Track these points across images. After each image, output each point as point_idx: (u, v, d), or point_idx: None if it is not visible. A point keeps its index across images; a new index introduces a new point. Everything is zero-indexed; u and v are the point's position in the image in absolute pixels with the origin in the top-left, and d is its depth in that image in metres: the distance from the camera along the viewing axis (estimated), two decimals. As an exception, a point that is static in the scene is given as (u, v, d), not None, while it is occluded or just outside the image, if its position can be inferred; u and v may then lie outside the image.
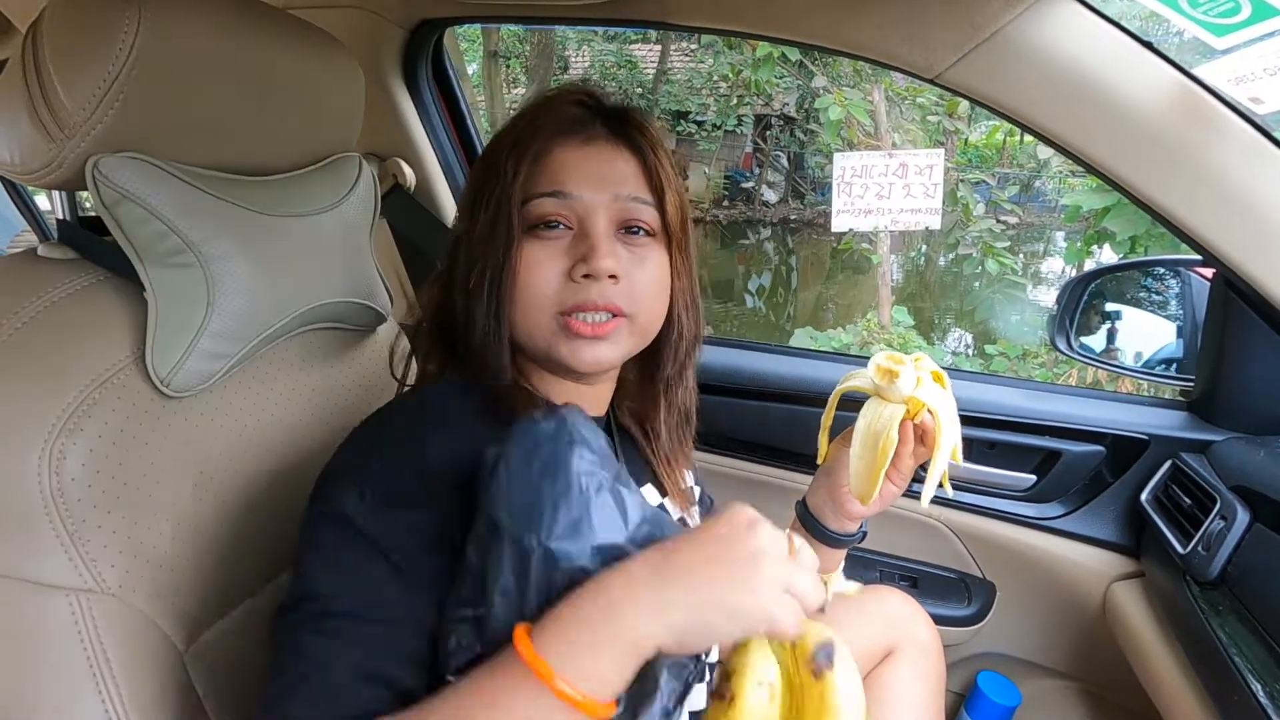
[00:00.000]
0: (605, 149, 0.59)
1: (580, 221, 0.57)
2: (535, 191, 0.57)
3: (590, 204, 0.57)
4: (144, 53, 0.50)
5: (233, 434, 0.61)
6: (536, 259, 0.56)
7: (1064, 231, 6.19)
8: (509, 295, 0.57)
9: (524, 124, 0.59)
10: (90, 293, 0.55)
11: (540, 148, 0.58)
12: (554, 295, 0.56)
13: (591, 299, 0.56)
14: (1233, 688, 0.67)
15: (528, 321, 0.57)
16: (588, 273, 0.55)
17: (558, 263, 0.56)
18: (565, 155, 0.58)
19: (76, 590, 0.50)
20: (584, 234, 0.57)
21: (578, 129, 0.59)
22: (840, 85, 3.85)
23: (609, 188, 0.58)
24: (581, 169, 0.57)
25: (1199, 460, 0.91)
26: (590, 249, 0.55)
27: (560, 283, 0.56)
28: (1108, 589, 1.00)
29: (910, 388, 0.61)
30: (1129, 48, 0.76)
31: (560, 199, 0.57)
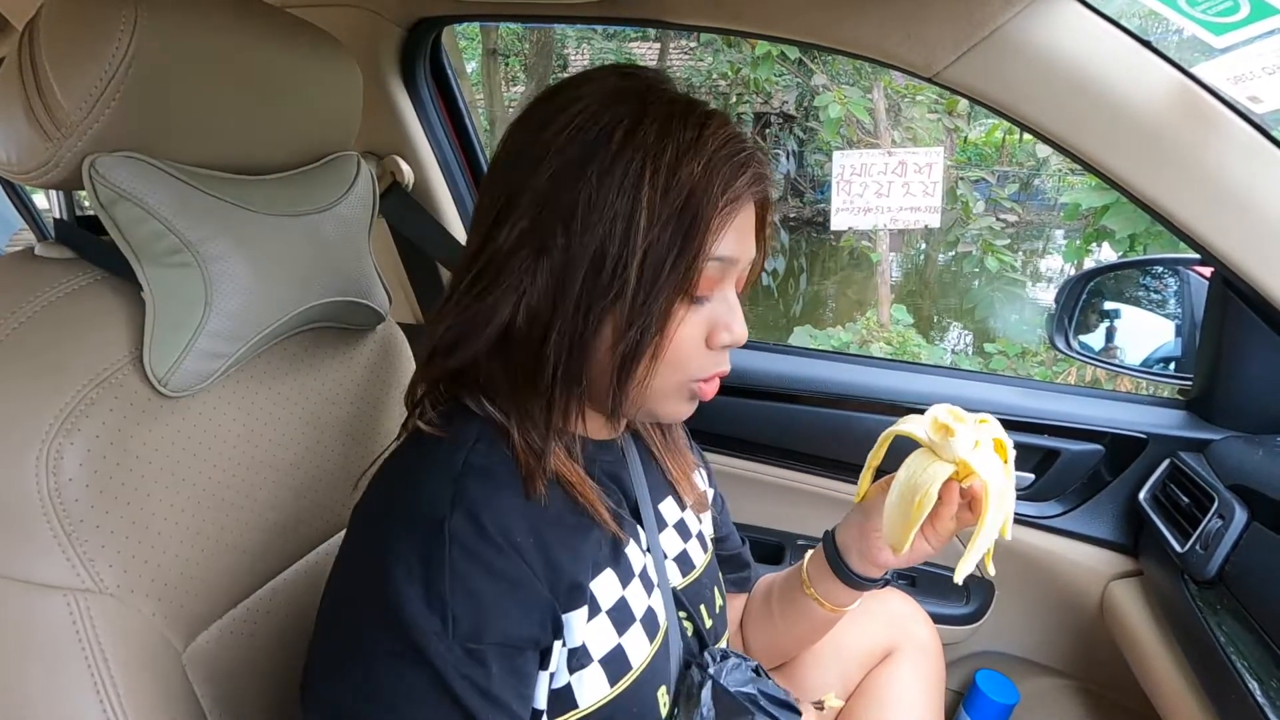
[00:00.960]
0: (752, 204, 0.53)
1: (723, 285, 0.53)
2: (716, 254, 0.49)
3: (741, 268, 0.53)
4: (141, 51, 0.50)
5: (231, 433, 0.61)
6: (690, 326, 0.51)
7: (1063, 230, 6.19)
8: (633, 358, 0.49)
9: (695, 166, 0.48)
10: (87, 292, 0.55)
11: (727, 202, 0.49)
12: (695, 363, 0.52)
13: (725, 368, 0.53)
14: (1230, 686, 0.67)
15: (648, 385, 0.51)
16: (731, 343, 0.52)
17: (700, 328, 0.52)
18: (741, 212, 0.51)
19: (74, 590, 0.50)
20: (723, 298, 0.52)
21: (754, 182, 0.51)
22: (840, 83, 3.84)
23: (751, 251, 0.54)
24: (743, 228, 0.52)
25: (1197, 459, 0.91)
26: (735, 318, 0.52)
27: (702, 349, 0.52)
28: (1106, 588, 1.00)
29: (965, 450, 0.56)
30: (1128, 46, 0.76)
31: (726, 264, 0.51)
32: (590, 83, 0.51)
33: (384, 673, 0.44)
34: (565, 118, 0.49)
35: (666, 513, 0.67)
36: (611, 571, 0.55)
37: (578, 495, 0.54)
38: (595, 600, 0.53)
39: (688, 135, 0.48)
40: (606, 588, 0.54)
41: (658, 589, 0.59)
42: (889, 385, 1.13)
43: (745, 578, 0.83)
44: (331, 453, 0.70)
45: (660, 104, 0.49)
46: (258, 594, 0.63)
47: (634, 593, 0.56)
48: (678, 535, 0.66)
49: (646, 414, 0.55)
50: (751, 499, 1.23)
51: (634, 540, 0.59)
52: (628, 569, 0.57)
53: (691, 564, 0.66)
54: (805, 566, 0.74)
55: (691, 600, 0.64)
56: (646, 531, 0.62)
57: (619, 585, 0.55)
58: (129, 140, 0.52)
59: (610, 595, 0.54)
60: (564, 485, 0.53)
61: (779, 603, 0.77)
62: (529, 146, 0.50)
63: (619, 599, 0.54)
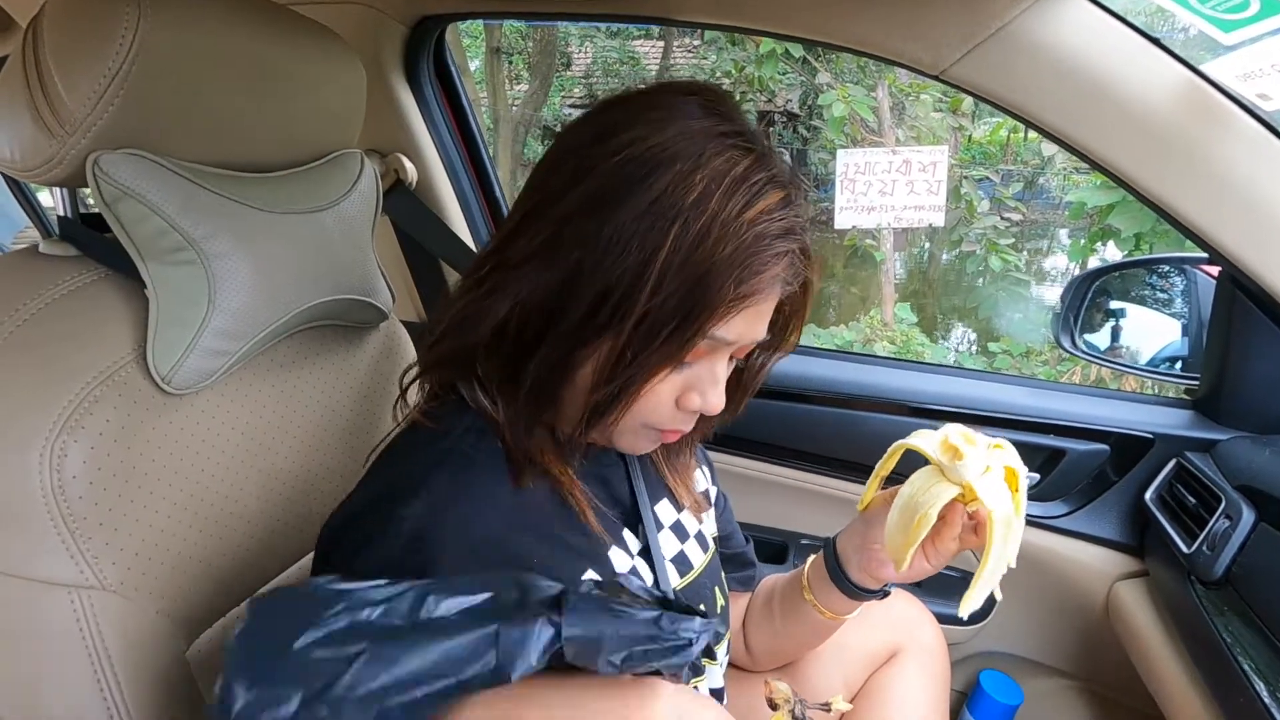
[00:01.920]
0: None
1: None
2: (714, 335, 0.48)
3: (738, 347, 0.52)
4: (144, 49, 0.50)
5: (234, 431, 0.61)
6: (668, 384, 0.51)
7: (1068, 229, 6.16)
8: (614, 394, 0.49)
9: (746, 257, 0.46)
10: (91, 290, 0.55)
11: (753, 298, 0.48)
12: (659, 416, 0.52)
13: (688, 429, 0.54)
14: (1237, 689, 0.67)
15: (614, 425, 0.52)
16: (701, 410, 0.52)
17: (673, 383, 0.51)
18: (766, 301, 0.50)
19: (78, 587, 0.50)
20: (710, 366, 0.52)
21: (790, 273, 0.50)
22: (844, 81, 3.83)
23: (758, 334, 0.52)
24: (758, 316, 0.51)
25: (1204, 459, 0.90)
26: (713, 388, 0.51)
27: (671, 406, 0.52)
28: (1111, 588, 1.00)
29: (973, 475, 0.54)
30: (1135, 43, 0.75)
31: (724, 345, 0.50)
32: (661, 108, 0.48)
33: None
34: (621, 140, 0.47)
35: (662, 514, 0.67)
36: (593, 573, 0.55)
37: (566, 494, 0.54)
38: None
39: (730, 209, 0.45)
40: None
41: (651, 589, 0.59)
42: (894, 385, 1.13)
43: (750, 576, 0.82)
44: (335, 450, 0.70)
45: (721, 159, 0.46)
46: (262, 591, 0.63)
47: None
48: (674, 536, 0.66)
49: (606, 441, 0.56)
50: (755, 498, 1.22)
51: (618, 545, 0.59)
52: (610, 572, 0.56)
53: (689, 564, 0.66)
54: (806, 571, 0.73)
55: (690, 601, 0.63)
56: (646, 534, 0.61)
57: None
58: (133, 137, 0.52)
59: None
60: (553, 482, 0.54)
61: (779, 605, 0.77)
62: (575, 157, 0.48)
63: None
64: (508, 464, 0.52)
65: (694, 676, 0.62)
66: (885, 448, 0.62)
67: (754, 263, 0.46)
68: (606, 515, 0.59)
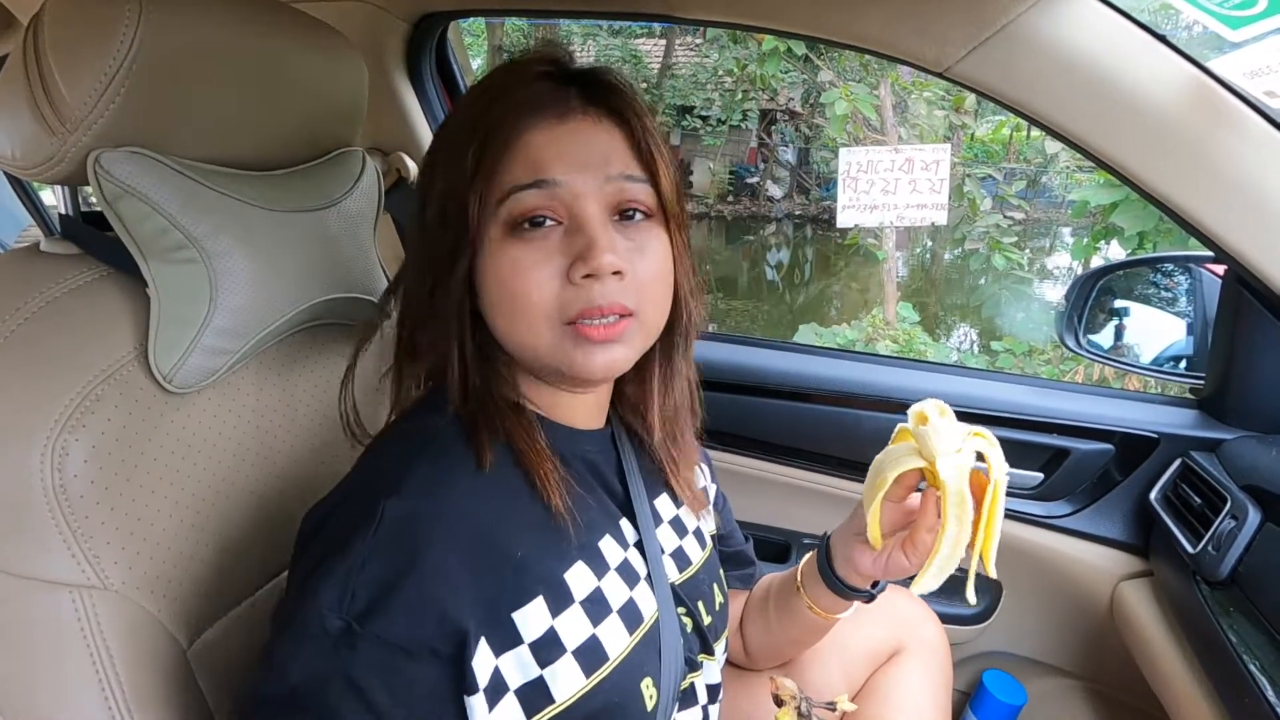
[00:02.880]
0: (585, 124, 0.52)
1: (570, 213, 0.50)
2: (512, 184, 0.50)
3: (579, 190, 0.50)
4: (145, 46, 0.50)
5: (236, 430, 0.61)
6: (526, 263, 0.50)
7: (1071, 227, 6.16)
8: (499, 309, 0.51)
9: (484, 104, 0.51)
10: (93, 288, 0.55)
11: (510, 131, 0.50)
12: (553, 302, 0.50)
13: (596, 302, 0.50)
14: (1243, 689, 0.67)
15: (525, 334, 0.51)
16: (589, 272, 0.49)
17: (551, 263, 0.50)
18: (541, 137, 0.50)
19: (79, 587, 0.50)
20: (577, 227, 0.50)
21: (551, 104, 0.51)
22: (846, 79, 3.83)
23: (597, 169, 0.51)
24: (564, 151, 0.50)
25: (1209, 459, 0.90)
26: (588, 244, 0.49)
27: (558, 286, 0.50)
28: (1116, 588, 1.00)
29: (937, 450, 0.53)
30: (1142, 41, 0.75)
31: (544, 189, 0.50)
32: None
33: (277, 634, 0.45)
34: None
35: (661, 508, 0.66)
36: (582, 563, 0.54)
37: (534, 473, 0.52)
38: (567, 590, 0.52)
39: (491, 78, 0.54)
40: (579, 579, 0.53)
41: (644, 582, 0.58)
42: (896, 383, 1.13)
43: (749, 575, 0.82)
44: (337, 447, 0.70)
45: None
46: (263, 590, 0.63)
47: (611, 585, 0.55)
48: (673, 531, 0.66)
49: (549, 369, 0.53)
50: (757, 497, 1.22)
51: (612, 535, 0.58)
52: (600, 561, 0.55)
53: (688, 560, 0.66)
54: (800, 569, 0.73)
55: (690, 596, 0.63)
56: (641, 526, 0.61)
57: (593, 577, 0.54)
58: (134, 135, 0.52)
59: (584, 586, 0.53)
60: (520, 462, 0.52)
61: (775, 602, 0.77)
62: None
63: (593, 589, 0.53)
64: (468, 442, 0.52)
65: (690, 672, 0.62)
66: (885, 446, 0.61)
67: (499, 95, 0.52)
68: (598, 503, 0.58)
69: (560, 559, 0.52)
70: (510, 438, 0.53)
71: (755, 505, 1.23)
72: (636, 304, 0.52)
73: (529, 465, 0.52)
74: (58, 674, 0.50)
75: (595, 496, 0.58)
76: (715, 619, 0.66)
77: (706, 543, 0.70)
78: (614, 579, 0.56)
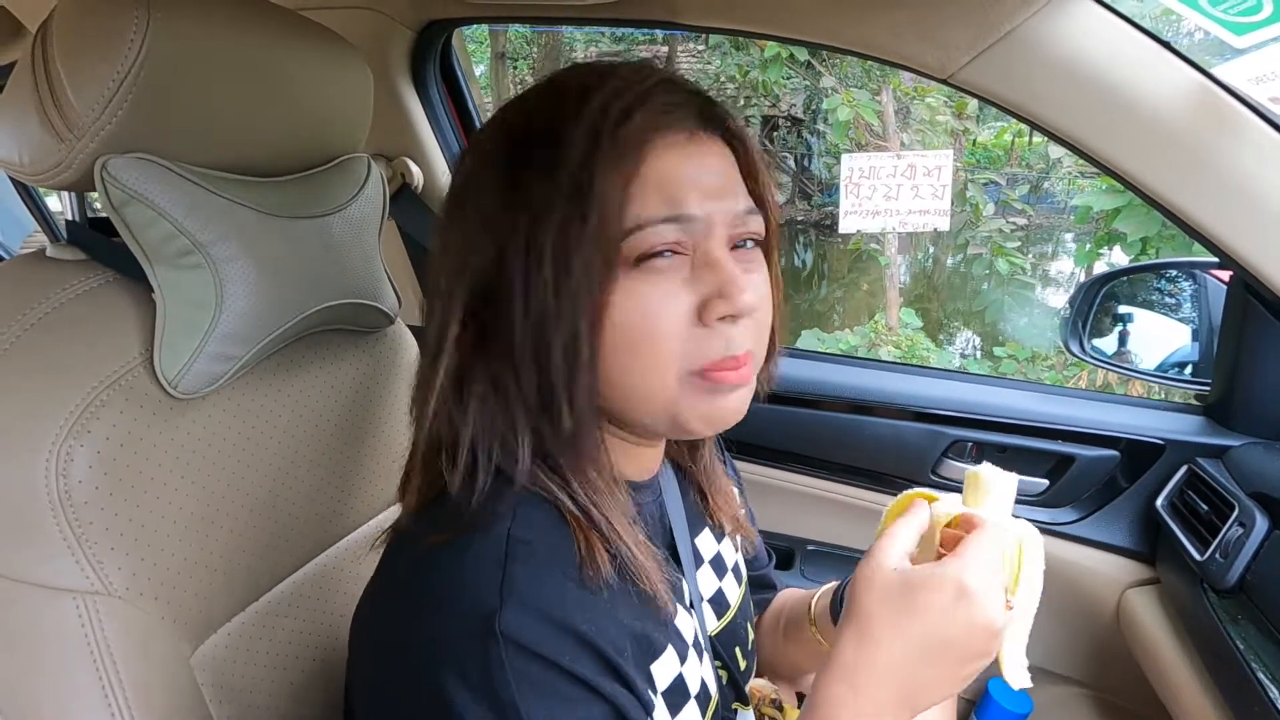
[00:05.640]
0: (710, 147, 0.47)
1: (698, 246, 0.45)
2: (644, 216, 0.43)
3: (710, 224, 0.45)
4: (153, 53, 0.50)
5: (241, 436, 0.61)
6: (654, 300, 0.44)
7: (1074, 233, 6.15)
8: (616, 355, 0.44)
9: (609, 109, 0.43)
10: (99, 294, 0.55)
11: (642, 146, 0.44)
12: (683, 346, 0.44)
13: (733, 350, 0.45)
14: (1251, 698, 0.66)
15: (648, 383, 0.45)
16: (729, 313, 0.44)
17: (680, 301, 0.44)
18: (673, 159, 0.45)
19: (83, 593, 0.50)
20: (707, 262, 0.45)
21: (680, 120, 0.46)
22: (848, 86, 3.83)
23: (727, 201, 0.46)
24: (697, 179, 0.45)
25: (1216, 466, 0.89)
26: (727, 281, 0.44)
27: (687, 328, 0.44)
28: (1122, 595, 0.99)
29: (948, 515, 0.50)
30: (1146, 47, 0.75)
31: (680, 224, 0.44)
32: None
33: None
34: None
35: (702, 547, 0.61)
36: (671, 649, 0.49)
37: (633, 569, 0.46)
38: (654, 684, 0.47)
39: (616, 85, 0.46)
40: (665, 668, 0.49)
41: (706, 652, 0.55)
42: (900, 390, 1.12)
43: (768, 600, 0.79)
44: (342, 455, 0.70)
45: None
46: (266, 597, 0.63)
47: (690, 667, 0.51)
48: (713, 572, 0.62)
49: (663, 422, 0.47)
50: (762, 503, 1.21)
51: (680, 605, 0.52)
52: (681, 642, 0.51)
53: (727, 603, 0.62)
54: (814, 603, 0.70)
55: (726, 645, 0.60)
56: (689, 579, 0.57)
57: (677, 662, 0.50)
58: (141, 142, 0.52)
59: (667, 675, 0.49)
60: (618, 555, 0.46)
61: (786, 629, 0.75)
62: None
63: (675, 677, 0.49)
64: (568, 535, 0.45)
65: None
66: (890, 453, 0.60)
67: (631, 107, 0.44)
68: (668, 571, 0.52)
69: (652, 651, 0.48)
70: (616, 534, 0.46)
71: (759, 511, 1.22)
72: (755, 343, 0.48)
73: (633, 568, 0.46)
74: (61, 679, 0.50)
75: (657, 550, 0.53)
76: (748, 661, 0.64)
77: (743, 577, 0.67)
78: (691, 659, 0.52)
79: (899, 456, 1.08)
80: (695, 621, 0.55)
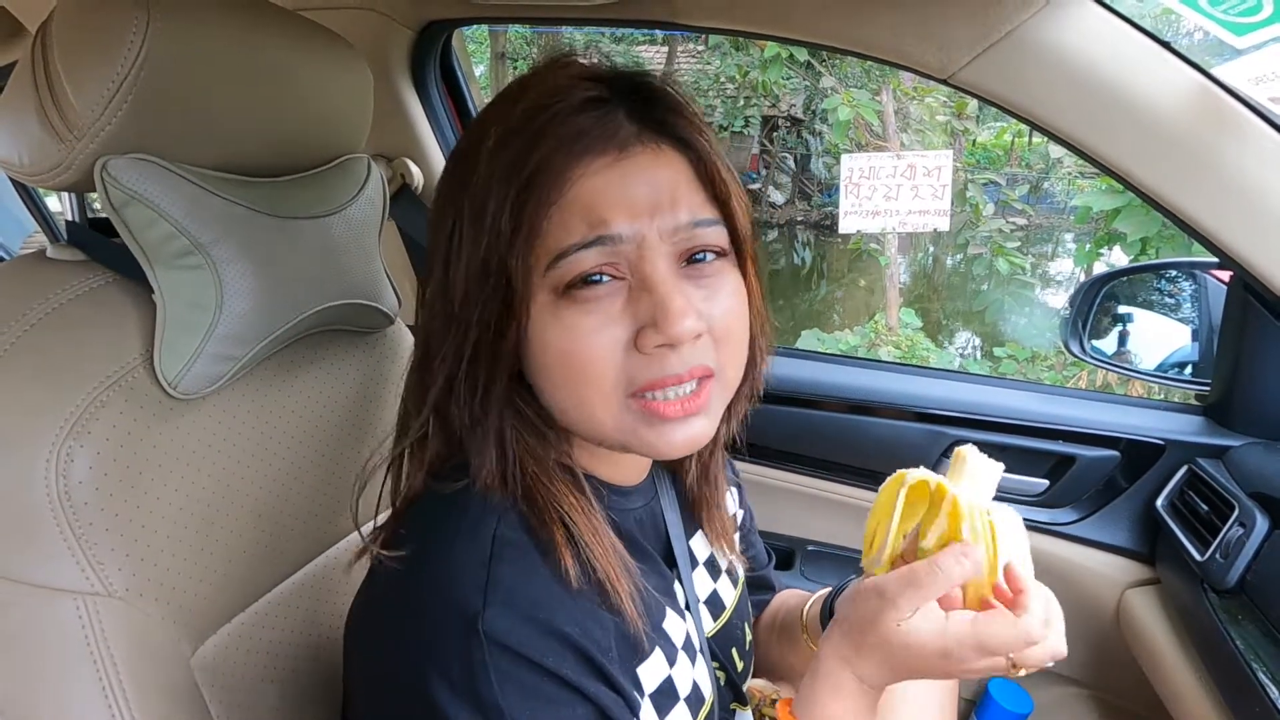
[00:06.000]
0: (645, 157, 0.44)
1: (634, 268, 0.43)
2: (565, 243, 0.42)
3: (644, 243, 0.43)
4: (152, 54, 0.50)
5: (240, 437, 0.61)
6: (584, 330, 0.42)
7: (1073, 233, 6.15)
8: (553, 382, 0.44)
9: (521, 144, 0.42)
10: (99, 294, 0.55)
11: (558, 178, 0.42)
12: (618, 373, 0.43)
13: (672, 372, 0.43)
14: (1252, 697, 0.66)
15: (586, 410, 0.44)
16: (664, 342, 0.42)
17: (614, 329, 0.43)
18: (596, 181, 0.42)
19: (83, 594, 0.50)
20: (643, 285, 0.42)
21: (603, 138, 0.43)
22: (848, 86, 3.83)
23: (664, 215, 0.43)
24: (624, 196, 0.42)
25: (1216, 466, 0.89)
26: (661, 309, 0.41)
27: (623, 356, 0.43)
28: (1122, 596, 0.99)
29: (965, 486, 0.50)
30: (1146, 47, 0.75)
31: (604, 246, 0.42)
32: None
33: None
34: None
35: (696, 549, 0.61)
36: (659, 651, 0.49)
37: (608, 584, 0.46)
38: (640, 686, 0.47)
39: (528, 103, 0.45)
40: (652, 670, 0.49)
41: (700, 654, 0.54)
42: (900, 390, 1.12)
43: (766, 601, 0.79)
44: (342, 455, 0.70)
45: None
46: (266, 598, 0.63)
47: (680, 670, 0.51)
48: (708, 574, 0.62)
49: (615, 446, 0.47)
50: (762, 504, 1.22)
51: (671, 608, 0.53)
52: (670, 645, 0.51)
53: (722, 605, 0.62)
54: (806, 610, 0.70)
55: (723, 646, 0.60)
56: (684, 582, 0.56)
57: (665, 665, 0.50)
58: (141, 142, 0.52)
59: (655, 677, 0.49)
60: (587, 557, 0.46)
61: (780, 629, 0.75)
62: None
63: (664, 679, 0.49)
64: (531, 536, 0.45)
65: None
66: (890, 453, 0.60)
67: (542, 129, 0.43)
68: (656, 573, 0.53)
69: (637, 653, 0.48)
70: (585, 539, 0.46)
71: (758, 511, 1.22)
72: (717, 362, 0.46)
73: (602, 573, 0.46)
74: (61, 680, 0.50)
75: (651, 564, 0.53)
76: (745, 662, 0.64)
77: (739, 579, 0.67)
78: (682, 661, 0.52)
79: (899, 457, 1.08)
80: (689, 624, 0.55)
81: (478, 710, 0.39)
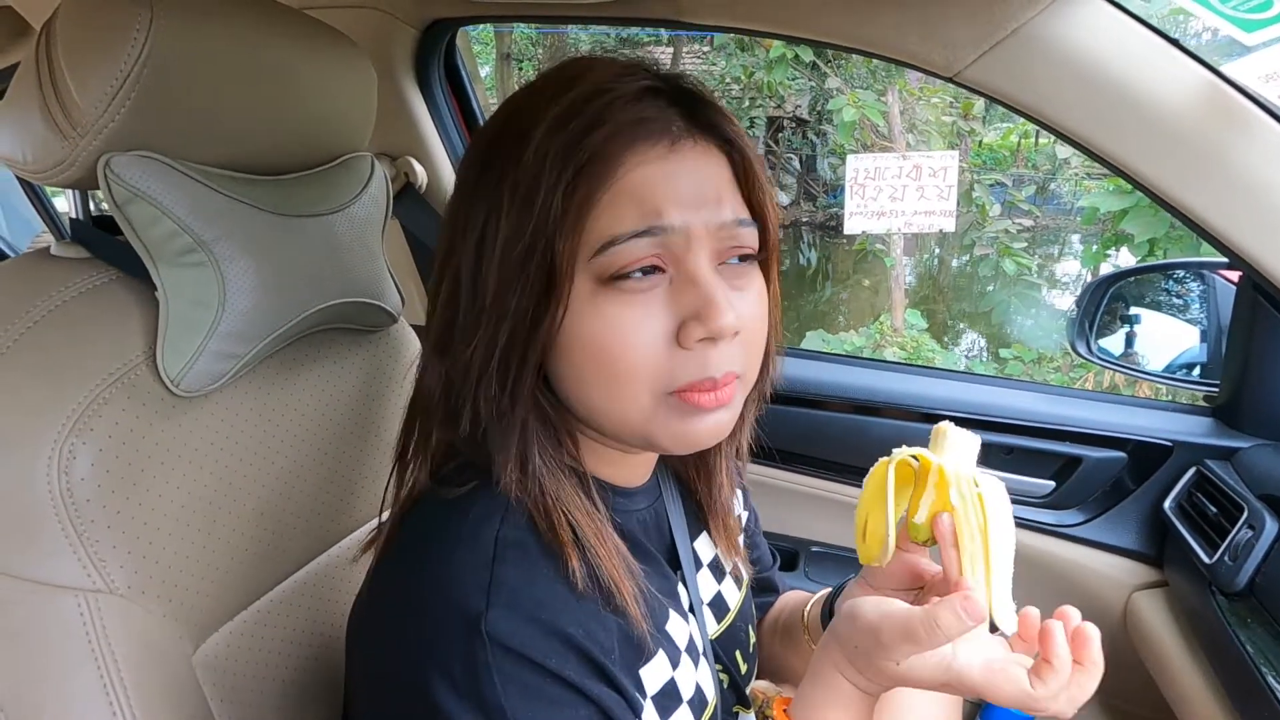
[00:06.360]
0: (695, 154, 0.44)
1: (678, 262, 0.43)
2: (616, 231, 0.42)
3: (693, 237, 0.43)
4: (156, 51, 0.50)
5: (243, 434, 0.61)
6: (627, 323, 0.42)
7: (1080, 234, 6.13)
8: (586, 375, 0.43)
9: (579, 126, 0.42)
10: (102, 292, 0.55)
11: (614, 164, 0.42)
12: (659, 369, 0.43)
13: (710, 373, 0.43)
14: (1261, 702, 0.66)
15: (618, 404, 0.44)
16: (708, 335, 0.42)
17: (656, 323, 0.43)
18: (650, 171, 0.42)
19: (85, 591, 0.50)
20: (687, 279, 0.43)
21: (660, 129, 0.43)
22: (854, 86, 3.83)
23: (710, 211, 0.44)
24: (676, 189, 0.43)
25: (1224, 467, 0.89)
26: (706, 303, 0.42)
27: (664, 350, 0.43)
28: (1129, 598, 0.98)
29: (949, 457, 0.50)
30: (1154, 44, 0.74)
31: (654, 237, 0.42)
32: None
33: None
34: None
35: (701, 550, 0.61)
36: (663, 654, 0.49)
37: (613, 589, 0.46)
38: (643, 689, 0.47)
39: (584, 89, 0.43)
40: (655, 672, 0.49)
41: (704, 657, 0.54)
42: (905, 390, 1.12)
43: (770, 603, 0.79)
44: (345, 454, 0.70)
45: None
46: (268, 596, 0.63)
47: (683, 672, 0.51)
48: (712, 576, 0.62)
49: (637, 439, 0.47)
50: (766, 504, 1.21)
51: (674, 610, 0.53)
52: (673, 648, 0.51)
53: (726, 607, 0.62)
54: (806, 611, 0.70)
55: (726, 648, 0.60)
56: (688, 584, 0.56)
57: (668, 667, 0.50)
58: (144, 140, 0.52)
59: (658, 680, 0.49)
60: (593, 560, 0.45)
61: (783, 631, 0.75)
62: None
63: (667, 682, 0.49)
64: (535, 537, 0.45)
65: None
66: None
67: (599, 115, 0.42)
68: (660, 575, 0.52)
69: (641, 655, 0.48)
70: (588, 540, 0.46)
71: (762, 512, 1.22)
72: (744, 364, 0.46)
73: (606, 575, 0.46)
74: (62, 678, 0.50)
75: (654, 566, 0.53)
76: (749, 664, 0.64)
77: (743, 580, 0.66)
78: (684, 664, 0.52)
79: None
80: (693, 626, 0.55)
81: (480, 711, 0.39)
